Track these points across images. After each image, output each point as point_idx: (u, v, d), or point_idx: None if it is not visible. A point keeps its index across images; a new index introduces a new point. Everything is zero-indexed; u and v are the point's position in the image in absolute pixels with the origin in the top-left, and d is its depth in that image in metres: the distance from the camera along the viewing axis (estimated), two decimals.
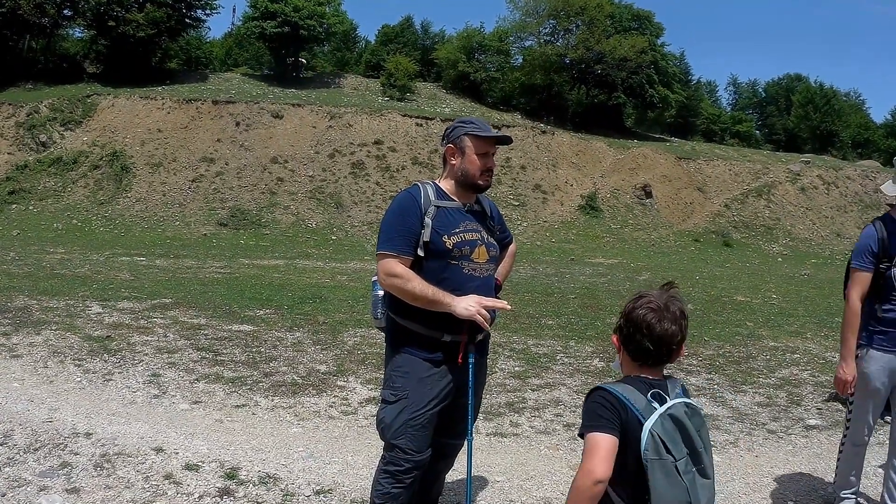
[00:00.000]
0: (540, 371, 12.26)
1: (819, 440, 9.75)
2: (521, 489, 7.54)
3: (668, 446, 3.77)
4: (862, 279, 6.75)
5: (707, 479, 3.88)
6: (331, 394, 10.60)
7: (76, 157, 45.02)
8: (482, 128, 5.75)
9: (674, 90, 76.49)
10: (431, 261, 5.49)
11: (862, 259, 6.76)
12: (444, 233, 5.49)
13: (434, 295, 5.33)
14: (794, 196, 56.39)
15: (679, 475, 3.78)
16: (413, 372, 5.51)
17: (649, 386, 3.94)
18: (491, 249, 5.78)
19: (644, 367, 4.04)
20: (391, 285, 5.44)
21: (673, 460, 3.77)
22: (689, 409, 3.90)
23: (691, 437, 3.85)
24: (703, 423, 3.94)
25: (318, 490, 7.20)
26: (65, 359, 11.65)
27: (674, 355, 4.02)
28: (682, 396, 3.96)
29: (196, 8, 64.72)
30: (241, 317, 15.80)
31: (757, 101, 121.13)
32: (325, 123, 50.37)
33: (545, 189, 50.97)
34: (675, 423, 3.83)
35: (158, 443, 8.11)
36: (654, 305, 3.96)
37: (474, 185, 5.72)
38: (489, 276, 5.80)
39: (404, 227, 5.47)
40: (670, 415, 3.83)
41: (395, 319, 5.66)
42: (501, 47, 75.22)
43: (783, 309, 21.36)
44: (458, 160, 5.70)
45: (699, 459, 3.86)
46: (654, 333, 3.92)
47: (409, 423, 5.46)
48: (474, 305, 5.33)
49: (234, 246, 36.03)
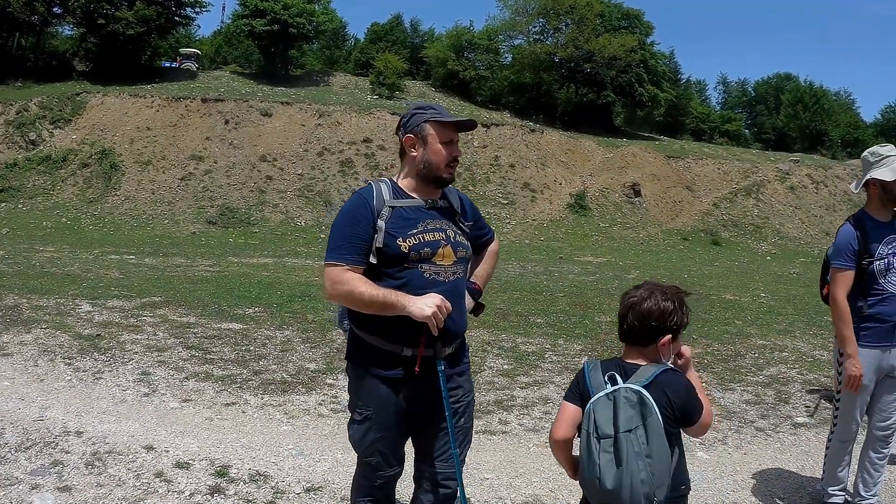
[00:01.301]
0: (528, 369, 12.28)
1: (807, 438, 9.78)
2: (511, 486, 7.58)
3: (598, 424, 4.00)
4: (846, 278, 6.86)
5: (619, 468, 3.92)
6: (320, 392, 10.64)
7: (65, 156, 45.03)
8: (443, 113, 5.24)
9: (663, 89, 76.74)
10: (387, 268, 5.01)
11: (843, 258, 6.89)
12: (399, 235, 4.99)
13: (386, 297, 4.84)
14: (783, 195, 56.54)
15: (596, 454, 3.97)
16: (373, 390, 5.09)
17: (617, 367, 4.19)
18: (459, 250, 5.21)
19: (628, 347, 4.32)
20: (338, 294, 4.98)
21: (597, 438, 3.98)
22: (633, 397, 4.01)
23: (619, 420, 3.95)
24: (647, 413, 3.97)
25: (308, 487, 7.23)
26: (55, 357, 11.66)
27: (658, 338, 4.22)
28: (642, 385, 4.04)
29: (185, 6, 64.78)
30: (231, 315, 15.81)
31: (746, 100, 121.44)
32: (314, 121, 50.44)
33: (534, 187, 51.06)
34: (614, 406, 4.00)
35: (149, 441, 8.14)
36: (648, 288, 4.27)
37: (438, 179, 5.18)
38: (458, 279, 5.24)
39: (353, 234, 5.03)
40: (614, 397, 4.02)
41: (354, 331, 5.22)
42: (491, 46, 75.41)
43: (772, 307, 21.40)
44: (419, 151, 5.16)
45: (619, 446, 3.92)
46: (639, 311, 4.19)
47: (378, 442, 5.14)
48: (431, 305, 4.78)
49: (223, 244, 36.06)
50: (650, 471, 3.92)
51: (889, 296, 6.81)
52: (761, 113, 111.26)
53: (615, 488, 3.93)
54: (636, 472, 3.89)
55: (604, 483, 3.95)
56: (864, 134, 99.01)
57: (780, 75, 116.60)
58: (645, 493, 3.91)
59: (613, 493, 3.94)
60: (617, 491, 3.93)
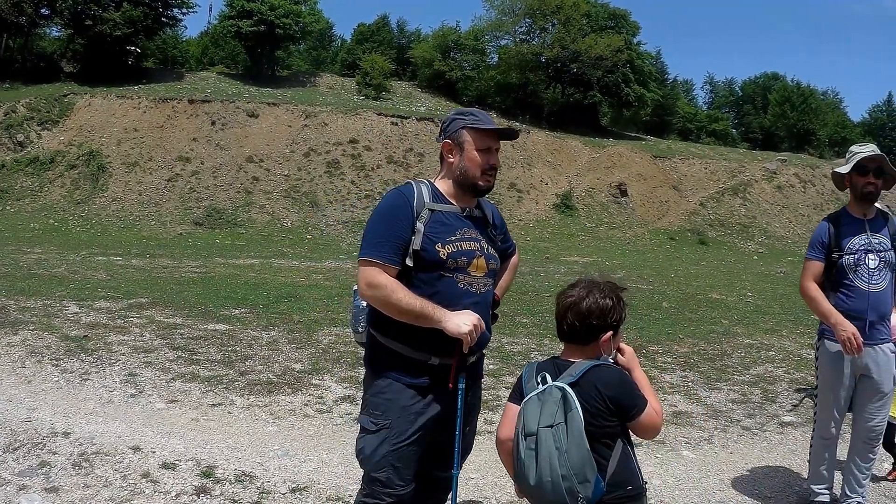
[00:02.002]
0: (514, 369, 12.28)
1: (794, 436, 9.86)
2: (496, 486, 7.63)
3: (526, 423, 4.16)
4: (812, 267, 7.19)
5: (555, 456, 4.01)
6: (306, 392, 10.66)
7: (53, 157, 44.87)
8: (483, 120, 5.10)
9: (650, 89, 76.78)
10: (422, 272, 4.85)
11: (812, 249, 7.22)
12: (439, 240, 4.85)
13: (423, 309, 4.69)
14: (771, 194, 56.62)
15: (522, 450, 4.15)
16: (395, 399, 4.89)
17: (553, 366, 4.34)
18: (491, 262, 5.11)
19: (568, 346, 4.42)
20: (373, 297, 4.81)
21: (523, 436, 4.14)
22: (556, 394, 4.12)
23: (542, 416, 4.09)
24: (568, 409, 4.05)
25: (293, 488, 7.26)
26: (42, 359, 11.67)
27: (599, 336, 4.32)
28: (572, 381, 4.14)
29: (172, 7, 64.61)
30: (217, 316, 15.82)
31: (733, 100, 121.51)
32: (301, 122, 50.35)
33: (520, 188, 51.03)
34: (539, 403, 4.16)
35: (136, 442, 8.16)
36: (585, 285, 4.39)
37: (474, 186, 5.05)
38: (487, 291, 5.13)
39: (392, 232, 4.82)
40: (543, 396, 4.17)
41: (375, 337, 5.04)
42: (477, 46, 75.36)
43: (758, 306, 21.47)
44: (456, 157, 5.06)
45: (539, 442, 4.05)
46: (577, 309, 4.29)
47: (391, 455, 4.86)
48: (469, 324, 4.69)
49: (210, 245, 36.03)
50: (573, 469, 3.98)
51: (859, 291, 6.98)
52: (748, 112, 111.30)
53: (537, 483, 4.06)
54: (556, 467, 4.00)
55: (527, 479, 4.10)
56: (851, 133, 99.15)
57: (767, 75, 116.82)
58: (567, 487, 3.99)
59: (535, 489, 4.09)
60: (538, 486, 4.07)
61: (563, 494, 3.99)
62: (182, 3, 64.77)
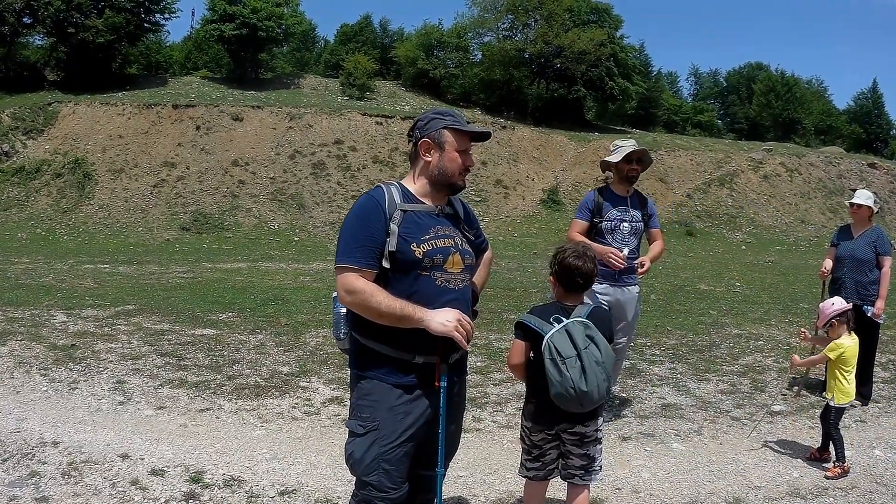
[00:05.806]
0: (502, 366, 12.23)
1: (783, 426, 9.89)
2: (485, 483, 7.65)
3: (559, 350, 5.46)
4: (577, 225, 9.67)
5: (596, 366, 5.48)
6: (294, 395, 10.66)
7: (39, 166, 44.72)
8: (462, 121, 5.24)
9: (634, 82, 76.90)
10: (399, 273, 4.91)
11: (581, 212, 9.73)
12: (413, 240, 4.90)
13: (403, 310, 4.76)
14: (757, 184, 56.65)
15: (567, 369, 5.42)
16: (382, 400, 4.94)
17: (560, 309, 5.77)
18: (467, 257, 5.21)
19: (569, 294, 5.93)
20: (353, 302, 4.86)
21: (562, 359, 5.43)
22: (581, 325, 5.59)
23: (576, 343, 5.48)
24: (593, 334, 5.60)
25: (282, 491, 7.28)
26: (31, 368, 11.65)
27: (589, 285, 6.02)
28: (582, 316, 5.69)
29: (155, 12, 64.53)
30: (204, 321, 15.80)
31: (718, 91, 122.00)
32: (285, 124, 50.31)
33: (506, 184, 51.07)
34: (567, 334, 5.52)
35: (124, 449, 8.17)
36: (577, 254, 5.86)
37: (451, 185, 5.17)
38: (465, 287, 5.21)
39: (366, 237, 4.87)
40: (566, 329, 5.54)
41: (358, 340, 5.08)
42: (460, 44, 75.57)
43: (747, 296, 21.54)
44: (434, 157, 5.11)
45: (583, 360, 5.44)
46: (581, 272, 5.81)
47: (382, 457, 4.89)
48: (452, 321, 4.79)
49: (197, 250, 35.99)
50: (606, 373, 5.61)
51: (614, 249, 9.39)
52: (733, 103, 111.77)
53: (590, 390, 5.42)
54: (599, 374, 5.47)
55: (580, 388, 5.39)
56: (836, 121, 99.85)
57: (751, 65, 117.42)
58: (606, 387, 5.65)
59: (589, 394, 5.43)
60: (591, 391, 5.43)
61: (604, 392, 5.61)
62: (164, 8, 64.73)
